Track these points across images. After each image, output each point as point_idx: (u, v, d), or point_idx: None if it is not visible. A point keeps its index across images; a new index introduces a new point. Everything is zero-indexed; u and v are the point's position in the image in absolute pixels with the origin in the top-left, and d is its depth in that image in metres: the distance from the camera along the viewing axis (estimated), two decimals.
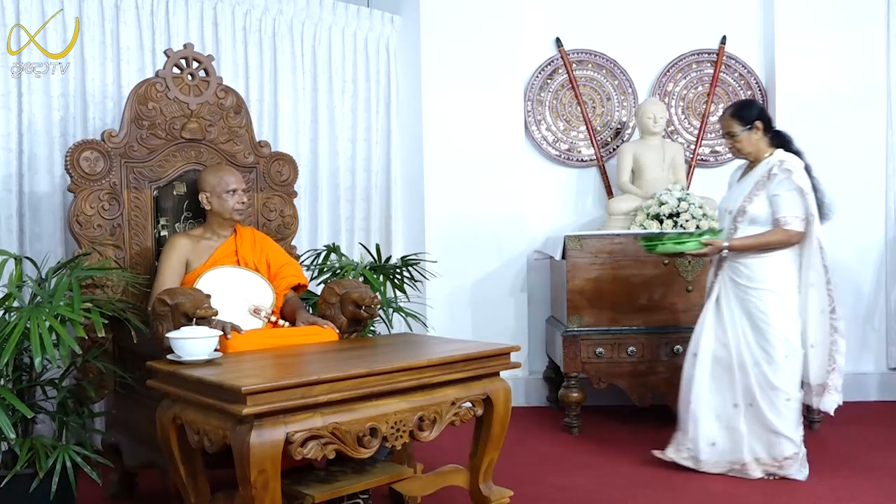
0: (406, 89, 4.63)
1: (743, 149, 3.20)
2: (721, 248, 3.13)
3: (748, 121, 3.16)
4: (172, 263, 2.87)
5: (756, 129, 3.16)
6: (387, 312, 3.57)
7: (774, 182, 3.09)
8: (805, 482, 3.08)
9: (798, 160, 3.13)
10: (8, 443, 2.58)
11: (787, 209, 3.07)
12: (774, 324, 3.08)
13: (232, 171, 3.04)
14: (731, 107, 3.27)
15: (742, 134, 3.16)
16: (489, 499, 2.59)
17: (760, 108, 3.24)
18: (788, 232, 3.08)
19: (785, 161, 3.10)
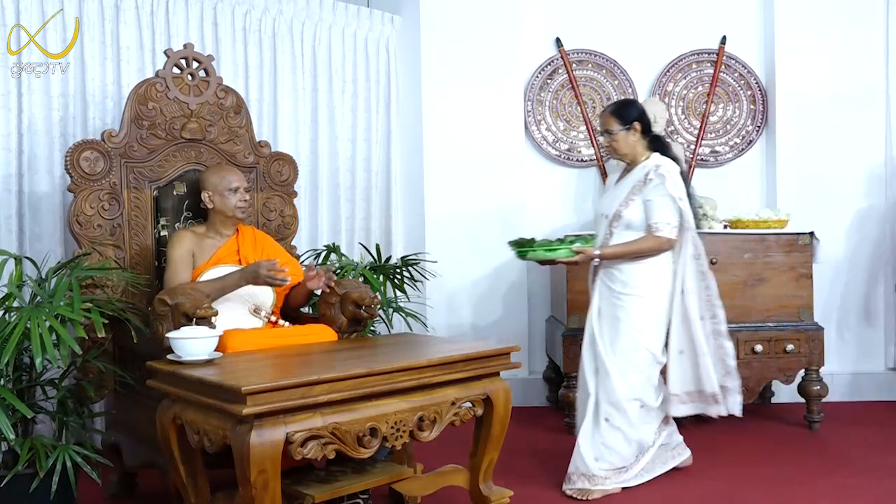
0: (406, 89, 4.63)
1: (619, 149, 3.11)
2: (592, 256, 3.03)
3: (627, 121, 3.07)
4: (182, 255, 2.86)
5: (634, 131, 3.08)
6: (387, 312, 3.57)
7: (649, 187, 3.00)
8: (804, 483, 3.08)
9: (674, 166, 3.04)
10: (8, 443, 2.58)
11: (660, 215, 2.98)
12: (641, 330, 3.01)
13: (234, 170, 3.04)
14: (612, 104, 3.21)
15: (619, 133, 3.08)
16: (489, 499, 2.59)
17: (641, 109, 3.15)
18: (659, 239, 2.99)
19: (661, 166, 3.02)
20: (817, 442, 3.70)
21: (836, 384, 4.38)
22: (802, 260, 3.90)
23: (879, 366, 4.57)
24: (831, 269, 4.46)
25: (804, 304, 3.89)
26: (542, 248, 3.03)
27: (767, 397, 4.46)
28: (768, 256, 3.89)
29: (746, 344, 3.84)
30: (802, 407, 3.99)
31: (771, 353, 3.85)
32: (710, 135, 4.71)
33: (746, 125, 4.71)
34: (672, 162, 3.07)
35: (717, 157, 4.71)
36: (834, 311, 4.50)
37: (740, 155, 4.70)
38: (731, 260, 3.87)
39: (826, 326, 4.02)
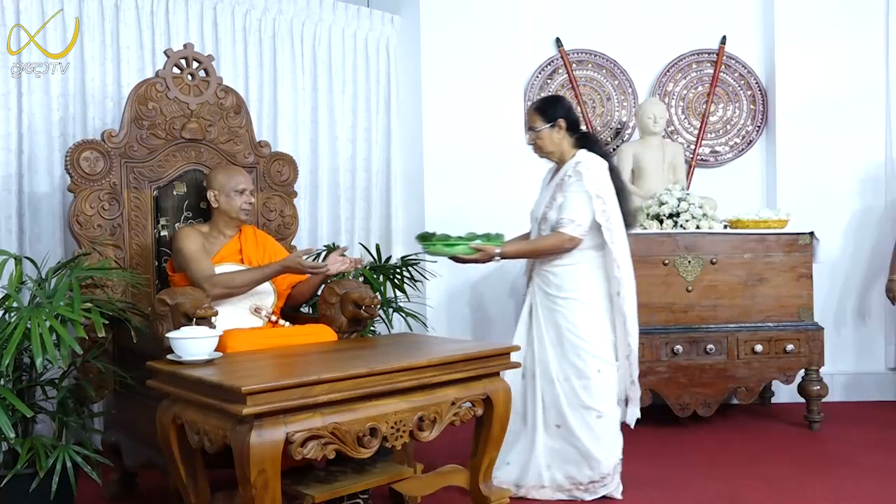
0: (406, 89, 4.63)
1: (544, 147, 3.02)
2: (492, 254, 2.90)
3: (551, 118, 2.98)
4: (200, 248, 2.85)
5: (559, 128, 2.98)
6: (387, 312, 3.57)
7: (567, 184, 2.92)
8: (804, 483, 3.08)
9: (599, 162, 2.94)
10: (8, 443, 2.57)
11: (568, 212, 2.88)
12: (584, 336, 2.89)
13: (241, 172, 3.04)
14: (537, 100, 3.12)
15: (544, 130, 2.98)
16: (489, 499, 2.59)
17: (568, 106, 3.06)
18: (561, 236, 2.87)
19: (581, 162, 2.92)
20: (817, 442, 3.70)
21: (836, 384, 4.38)
22: (802, 260, 3.90)
23: (879, 366, 4.57)
24: (831, 269, 4.46)
25: (804, 304, 3.89)
26: (441, 243, 2.89)
27: (767, 397, 4.46)
28: (768, 256, 3.89)
29: (746, 344, 3.84)
30: (802, 407, 3.99)
31: (771, 353, 3.85)
32: (710, 135, 4.71)
33: (746, 125, 4.71)
34: (597, 158, 2.96)
35: (717, 157, 4.71)
36: (834, 311, 4.50)
37: (740, 155, 4.70)
38: (731, 260, 3.87)
39: (826, 326, 4.02)
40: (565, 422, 2.92)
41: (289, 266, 2.80)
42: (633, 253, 3.80)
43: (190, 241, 2.85)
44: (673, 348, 3.81)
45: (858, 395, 4.50)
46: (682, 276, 3.87)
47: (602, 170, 2.94)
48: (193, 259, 2.81)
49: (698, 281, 3.86)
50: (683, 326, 3.85)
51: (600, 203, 2.88)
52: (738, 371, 3.84)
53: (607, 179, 2.94)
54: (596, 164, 2.94)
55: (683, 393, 3.82)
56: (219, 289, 2.75)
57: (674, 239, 3.88)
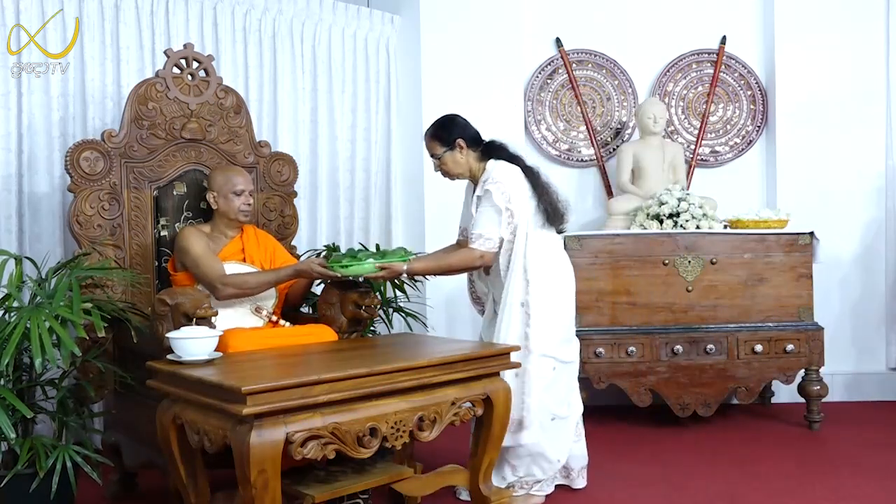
0: (406, 89, 4.63)
1: (451, 171, 2.96)
2: (399, 272, 2.81)
3: (448, 141, 2.92)
4: (207, 248, 2.84)
5: (459, 148, 2.92)
6: (387, 312, 3.57)
7: (480, 200, 2.86)
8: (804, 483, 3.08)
9: (507, 172, 2.87)
10: (8, 443, 2.57)
11: (478, 227, 2.82)
12: (531, 338, 2.83)
13: (241, 172, 3.02)
14: (430, 127, 3.00)
15: (446, 155, 2.93)
16: (489, 499, 2.59)
17: (462, 123, 2.98)
18: (472, 252, 2.82)
19: (489, 179, 2.85)
20: (817, 442, 3.70)
21: (836, 384, 4.38)
22: (802, 260, 3.90)
23: (879, 366, 4.57)
24: (831, 269, 4.45)
25: (804, 304, 3.89)
26: (347, 261, 2.74)
27: (767, 397, 4.46)
28: (768, 256, 3.89)
29: (746, 344, 3.84)
30: (802, 407, 3.99)
31: (771, 353, 3.85)
32: (710, 135, 4.71)
33: (746, 125, 4.71)
34: (505, 168, 2.89)
35: (717, 157, 4.71)
36: (834, 311, 4.49)
37: (740, 155, 4.70)
38: (731, 260, 3.87)
39: (826, 326, 4.02)
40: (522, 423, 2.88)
41: (302, 270, 2.79)
42: (634, 253, 3.84)
43: (196, 242, 2.84)
44: (673, 348, 3.81)
45: (858, 395, 4.50)
46: (682, 276, 3.87)
47: (510, 179, 2.86)
48: (202, 259, 2.79)
49: (698, 281, 3.86)
50: (683, 326, 3.85)
51: (508, 216, 2.83)
52: (738, 371, 3.84)
53: (517, 187, 2.86)
54: (504, 174, 2.86)
55: (683, 393, 3.82)
56: (231, 289, 2.75)
57: (674, 239, 3.88)
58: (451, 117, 3.04)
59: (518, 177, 2.90)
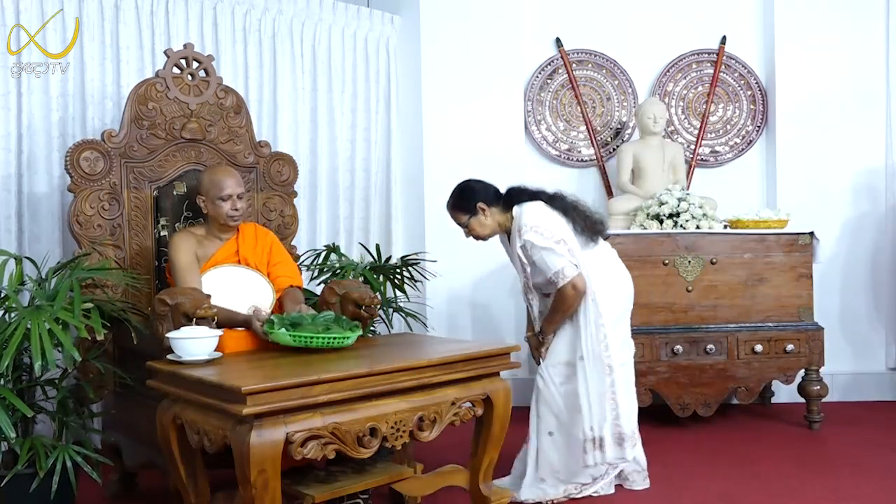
0: (406, 89, 4.63)
1: (481, 234, 3.01)
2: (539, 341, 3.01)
3: (470, 209, 2.98)
4: (190, 262, 2.80)
5: (482, 211, 2.97)
6: (387, 312, 3.57)
7: (528, 252, 2.89)
8: (805, 483, 3.08)
9: (535, 212, 2.90)
10: (8, 442, 2.57)
11: (549, 269, 2.85)
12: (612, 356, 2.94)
13: (230, 174, 2.92)
14: (450, 198, 3.06)
15: (471, 222, 2.98)
16: (489, 499, 2.59)
17: (479, 187, 3.02)
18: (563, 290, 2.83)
19: (522, 228, 2.88)
20: (817, 442, 3.70)
21: (836, 384, 4.38)
22: (802, 260, 3.90)
23: (879, 366, 4.57)
24: (831, 269, 4.46)
25: (804, 304, 3.89)
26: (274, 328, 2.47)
27: (767, 397, 4.46)
28: (768, 256, 3.89)
29: (746, 344, 3.84)
30: (802, 407, 3.99)
31: (771, 353, 3.85)
32: (710, 135, 4.71)
33: (746, 125, 4.71)
34: (531, 209, 2.92)
35: (717, 157, 4.71)
36: (834, 311, 4.50)
37: (740, 155, 4.70)
38: (731, 260, 3.87)
39: (826, 326, 4.02)
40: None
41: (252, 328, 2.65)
42: (634, 253, 3.83)
43: (182, 253, 2.80)
44: (673, 348, 3.81)
45: (858, 395, 4.50)
46: (682, 276, 3.87)
47: (541, 218, 2.90)
48: (181, 274, 2.77)
49: (698, 281, 3.86)
50: (683, 326, 3.85)
51: (563, 247, 2.86)
52: (738, 371, 3.84)
53: (551, 220, 2.90)
54: (533, 217, 2.89)
55: (683, 393, 3.82)
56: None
57: (674, 239, 3.88)
58: (466, 184, 3.08)
59: (546, 211, 2.94)
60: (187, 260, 2.80)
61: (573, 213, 2.96)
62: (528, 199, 2.98)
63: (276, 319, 2.50)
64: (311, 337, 2.43)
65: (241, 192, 2.91)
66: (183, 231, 2.98)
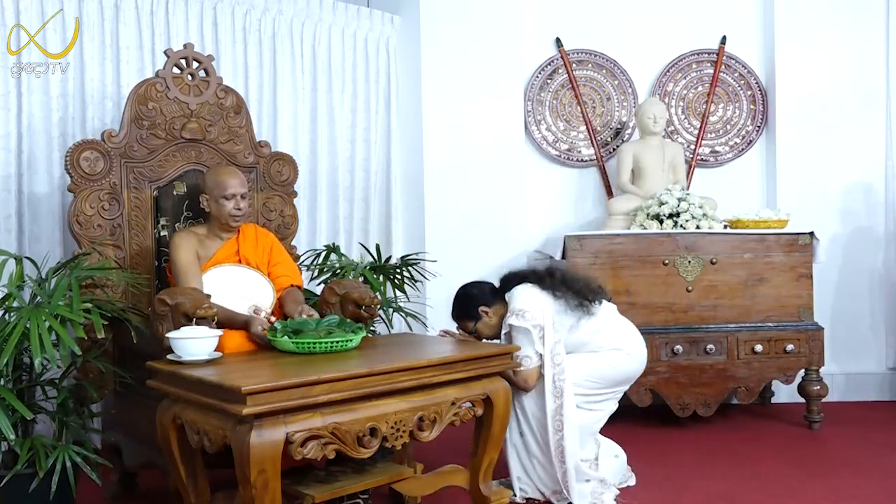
0: (406, 89, 4.63)
1: (489, 334, 3.07)
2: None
3: (474, 315, 3.04)
4: (191, 261, 2.81)
5: (485, 314, 3.03)
6: (387, 312, 3.57)
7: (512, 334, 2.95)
8: (805, 483, 3.08)
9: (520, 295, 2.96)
10: (8, 443, 2.57)
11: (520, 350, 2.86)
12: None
13: (233, 174, 2.94)
14: (454, 310, 3.12)
15: (479, 326, 3.04)
16: (489, 499, 2.59)
17: (476, 293, 3.08)
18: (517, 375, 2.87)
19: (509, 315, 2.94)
20: (817, 442, 3.70)
21: (836, 384, 4.38)
22: (802, 260, 3.90)
23: (879, 366, 4.57)
24: (831, 269, 4.46)
25: (804, 304, 3.89)
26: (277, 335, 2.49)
27: (767, 397, 4.46)
28: (768, 256, 3.89)
29: (746, 344, 3.84)
30: (802, 407, 3.99)
31: (771, 353, 3.85)
32: (710, 135, 4.71)
33: (746, 125, 4.71)
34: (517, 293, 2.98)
35: (717, 157, 4.71)
36: (834, 311, 4.50)
37: (740, 155, 4.70)
38: (731, 260, 3.87)
39: (826, 326, 4.02)
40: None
41: (251, 331, 2.66)
42: (634, 253, 3.84)
43: (183, 252, 2.81)
44: (673, 348, 3.81)
45: (858, 395, 4.50)
46: (682, 276, 3.87)
47: (526, 301, 2.93)
48: (183, 273, 2.78)
49: (698, 281, 3.86)
50: (683, 326, 3.85)
51: (538, 331, 2.88)
52: (738, 371, 3.84)
53: (537, 303, 2.92)
54: (520, 301, 2.94)
55: (683, 393, 3.83)
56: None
57: (674, 239, 3.88)
58: (465, 292, 3.14)
59: (531, 294, 2.96)
60: (188, 259, 2.81)
61: (562, 290, 2.99)
62: (518, 283, 3.04)
63: (279, 327, 2.53)
64: (313, 342, 2.45)
65: (245, 192, 2.93)
66: (184, 230, 2.98)
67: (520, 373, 2.86)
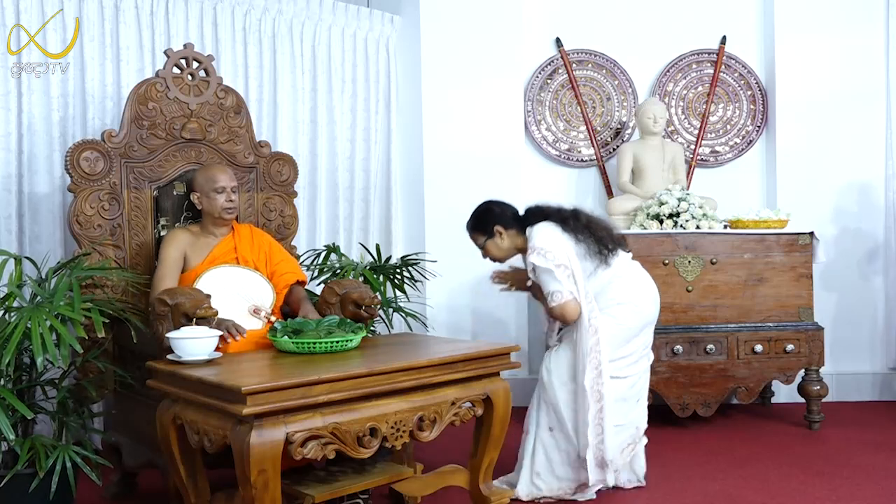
0: (406, 89, 4.63)
1: (497, 256, 3.05)
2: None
3: (488, 231, 3.02)
4: (172, 256, 2.86)
5: (499, 234, 3.01)
6: (387, 312, 3.57)
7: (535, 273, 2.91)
8: (804, 483, 3.08)
9: (543, 232, 2.91)
10: (8, 443, 2.57)
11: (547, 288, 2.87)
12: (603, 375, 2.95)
13: (222, 169, 3.00)
14: (469, 220, 3.09)
15: (488, 243, 3.03)
16: (489, 499, 2.59)
17: (497, 211, 3.05)
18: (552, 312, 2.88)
19: (529, 250, 2.91)
20: (817, 442, 3.70)
21: (836, 384, 4.38)
22: (802, 260, 3.90)
23: (879, 366, 4.57)
24: (831, 269, 4.46)
25: (804, 304, 3.89)
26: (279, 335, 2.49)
27: (767, 397, 4.46)
28: (768, 256, 3.89)
29: (746, 344, 3.84)
30: (802, 407, 3.99)
31: (771, 353, 3.85)
32: (710, 135, 4.71)
33: (746, 125, 4.71)
34: (540, 229, 2.93)
35: (717, 157, 4.71)
36: (834, 311, 4.50)
37: (740, 155, 4.70)
38: (731, 260, 3.87)
39: (826, 326, 4.02)
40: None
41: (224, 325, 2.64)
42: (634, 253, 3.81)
43: (169, 247, 2.87)
44: (673, 348, 3.81)
45: (858, 395, 4.50)
46: (682, 276, 3.87)
47: (547, 240, 2.89)
48: (161, 266, 2.84)
49: (698, 281, 3.86)
50: (683, 326, 3.85)
51: (563, 271, 2.85)
52: (738, 371, 3.84)
53: (558, 243, 2.89)
54: (541, 239, 2.90)
55: (683, 393, 3.83)
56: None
57: (674, 239, 3.88)
58: (485, 207, 3.11)
59: (554, 234, 2.93)
60: (171, 256, 2.86)
61: (585, 235, 2.96)
62: (541, 220, 2.99)
63: (279, 327, 2.53)
64: (313, 342, 2.45)
65: (235, 185, 2.99)
66: (179, 228, 3.01)
67: (553, 309, 2.86)
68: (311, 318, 2.70)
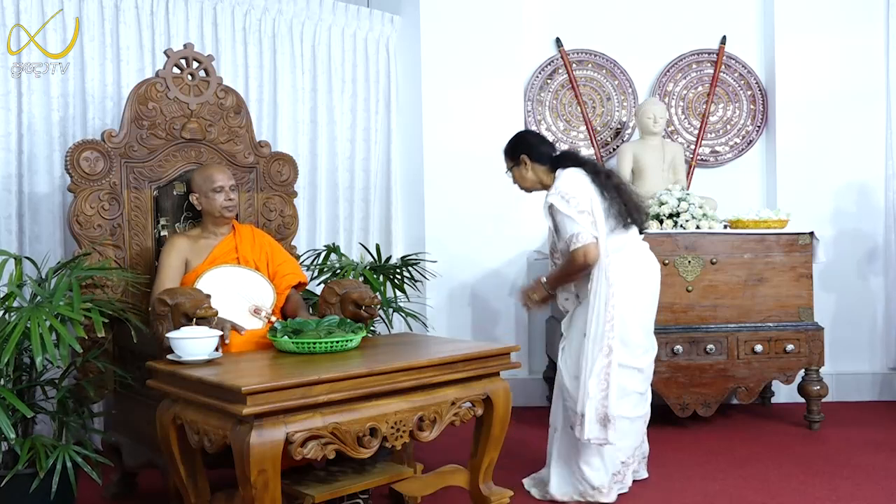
0: (406, 89, 4.63)
1: (521, 183, 3.06)
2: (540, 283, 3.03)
3: (514, 157, 3.02)
4: (172, 263, 2.85)
5: (524, 164, 3.00)
6: (387, 312, 3.57)
7: (552, 212, 2.90)
8: (804, 483, 3.08)
9: (569, 177, 2.89)
10: (8, 443, 2.57)
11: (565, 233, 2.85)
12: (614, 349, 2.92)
13: (220, 169, 3.00)
14: (507, 143, 3.09)
15: (514, 170, 3.05)
16: (489, 499, 2.59)
17: (529, 141, 3.05)
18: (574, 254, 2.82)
19: (551, 191, 2.90)
20: (817, 442, 3.70)
21: (836, 384, 4.38)
22: (802, 260, 3.90)
23: (879, 366, 4.57)
24: (831, 269, 4.46)
25: (804, 304, 3.89)
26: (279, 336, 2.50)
27: (767, 397, 4.46)
28: (768, 256, 3.89)
29: (746, 344, 3.84)
30: (802, 407, 3.99)
31: (771, 353, 3.85)
32: (710, 135, 4.71)
33: (746, 125, 4.71)
34: (568, 174, 2.91)
35: (717, 157, 4.71)
36: (834, 311, 4.50)
37: (740, 155, 4.70)
38: (731, 260, 3.87)
39: (826, 326, 4.02)
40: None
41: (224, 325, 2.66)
42: None
43: (169, 254, 2.86)
44: (673, 348, 3.81)
45: (858, 395, 4.50)
46: (682, 276, 3.87)
47: (573, 185, 2.87)
48: (161, 272, 2.84)
49: (698, 281, 3.85)
50: (683, 326, 3.85)
51: (586, 217, 2.84)
52: (738, 371, 3.84)
53: (581, 190, 2.87)
54: (565, 183, 2.88)
55: (683, 393, 3.83)
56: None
57: (674, 239, 3.88)
58: (521, 134, 3.16)
59: (582, 181, 2.91)
60: (171, 262, 2.86)
61: (613, 193, 2.93)
62: (573, 165, 2.98)
63: (279, 327, 2.53)
64: (313, 342, 2.45)
65: (233, 184, 2.99)
66: (178, 235, 3.00)
67: (576, 252, 2.81)
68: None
